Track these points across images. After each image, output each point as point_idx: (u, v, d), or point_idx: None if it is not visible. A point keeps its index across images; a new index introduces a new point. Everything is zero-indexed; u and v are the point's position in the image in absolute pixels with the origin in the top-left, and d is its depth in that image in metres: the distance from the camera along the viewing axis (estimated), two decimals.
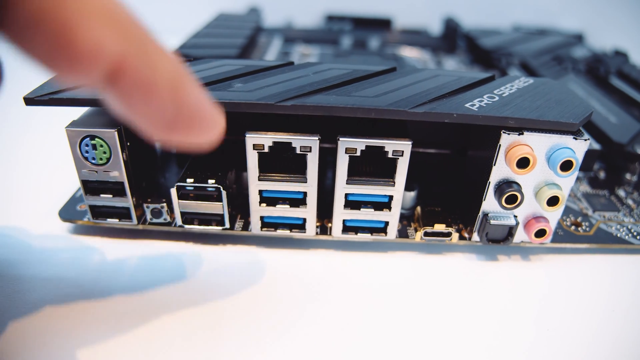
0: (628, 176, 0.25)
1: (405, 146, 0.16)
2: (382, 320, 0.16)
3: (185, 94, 0.11)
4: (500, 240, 0.19)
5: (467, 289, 0.18)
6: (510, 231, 0.19)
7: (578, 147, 0.17)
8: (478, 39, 0.38)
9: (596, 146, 0.25)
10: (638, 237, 0.21)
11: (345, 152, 0.17)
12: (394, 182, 0.17)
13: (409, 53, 0.38)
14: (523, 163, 0.17)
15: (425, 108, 0.16)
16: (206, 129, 0.12)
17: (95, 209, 0.19)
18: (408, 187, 0.20)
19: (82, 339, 0.15)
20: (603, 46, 0.44)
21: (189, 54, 0.27)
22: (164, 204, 0.19)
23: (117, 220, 0.19)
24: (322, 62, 0.20)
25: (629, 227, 0.21)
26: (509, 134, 0.17)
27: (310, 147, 0.17)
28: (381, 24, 0.46)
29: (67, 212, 0.20)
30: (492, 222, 0.18)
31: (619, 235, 0.21)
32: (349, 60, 0.34)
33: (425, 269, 0.19)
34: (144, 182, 0.20)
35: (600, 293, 0.18)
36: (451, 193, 0.21)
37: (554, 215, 0.19)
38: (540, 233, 0.19)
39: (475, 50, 0.39)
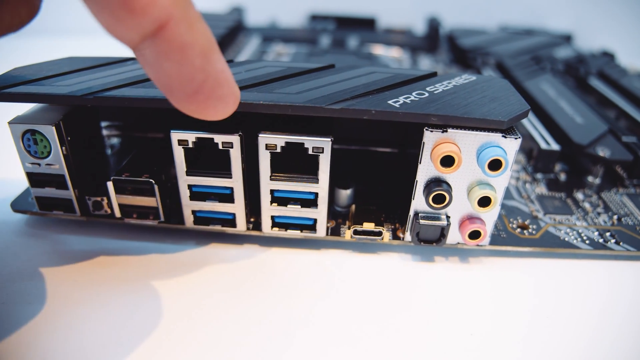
0: (590, 179, 0.24)
1: (325, 143, 0.16)
2: (305, 319, 0.16)
3: (213, 63, 0.12)
4: (432, 240, 0.19)
5: (395, 290, 0.18)
6: (442, 232, 0.18)
7: (508, 146, 0.17)
8: (458, 39, 0.37)
9: (556, 147, 0.24)
10: (587, 242, 0.20)
11: (266, 148, 0.17)
12: (318, 179, 0.17)
13: (387, 52, 0.38)
14: (447, 161, 0.17)
15: (344, 105, 0.16)
16: (225, 100, 0.13)
17: (41, 200, 0.20)
18: (343, 185, 0.20)
19: (35, 330, 0.15)
20: (595, 47, 0.42)
21: None
22: (104, 197, 0.20)
23: (62, 212, 0.20)
24: (259, 60, 0.20)
25: (580, 231, 0.20)
26: (431, 131, 0.16)
27: (232, 144, 0.17)
28: (365, 24, 0.45)
29: (20, 204, 0.21)
30: (421, 221, 0.18)
31: (566, 239, 0.20)
32: (322, 59, 0.34)
33: (355, 268, 0.19)
34: (88, 175, 0.20)
35: (535, 298, 0.18)
36: (392, 192, 0.21)
37: (489, 217, 0.18)
38: (475, 235, 0.18)
39: (455, 50, 0.38)
